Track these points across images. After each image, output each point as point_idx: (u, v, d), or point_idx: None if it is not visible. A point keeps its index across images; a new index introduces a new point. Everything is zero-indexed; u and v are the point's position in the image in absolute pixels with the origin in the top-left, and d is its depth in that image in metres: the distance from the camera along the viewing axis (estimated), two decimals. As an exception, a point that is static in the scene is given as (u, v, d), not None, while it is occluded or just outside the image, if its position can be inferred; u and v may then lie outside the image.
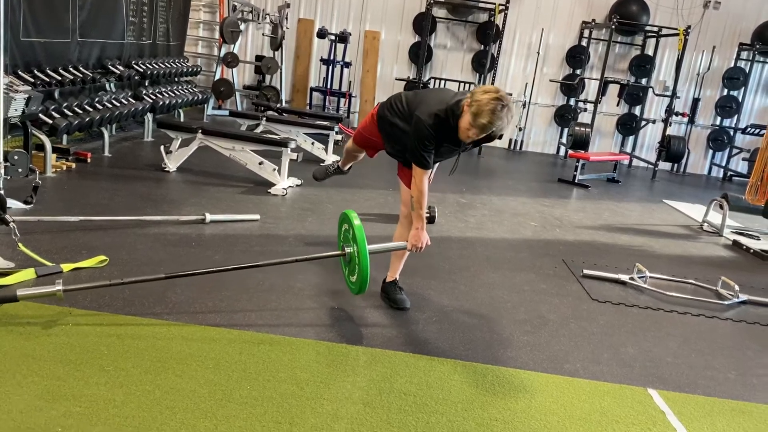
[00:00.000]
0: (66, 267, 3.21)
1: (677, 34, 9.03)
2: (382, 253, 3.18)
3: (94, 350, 2.48)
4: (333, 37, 9.86)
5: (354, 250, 2.94)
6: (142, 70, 7.31)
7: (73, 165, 5.41)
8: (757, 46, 9.68)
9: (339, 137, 7.97)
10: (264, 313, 3.05)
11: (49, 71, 5.62)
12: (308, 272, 3.66)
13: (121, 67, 6.89)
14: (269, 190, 5.43)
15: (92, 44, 6.53)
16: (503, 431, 2.32)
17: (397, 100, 3.15)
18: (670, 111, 9.27)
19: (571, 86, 10.19)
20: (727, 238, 5.95)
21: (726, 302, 4.09)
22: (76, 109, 5.59)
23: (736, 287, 4.13)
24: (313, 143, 7.13)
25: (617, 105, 10.36)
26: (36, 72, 5.45)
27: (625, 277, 4.25)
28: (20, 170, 3.92)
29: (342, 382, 2.50)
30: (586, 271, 4.30)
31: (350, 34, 10.00)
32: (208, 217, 4.34)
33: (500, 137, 2.96)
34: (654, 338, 3.39)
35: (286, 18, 9.79)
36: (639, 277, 4.26)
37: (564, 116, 10.46)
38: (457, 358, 2.84)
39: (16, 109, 4.52)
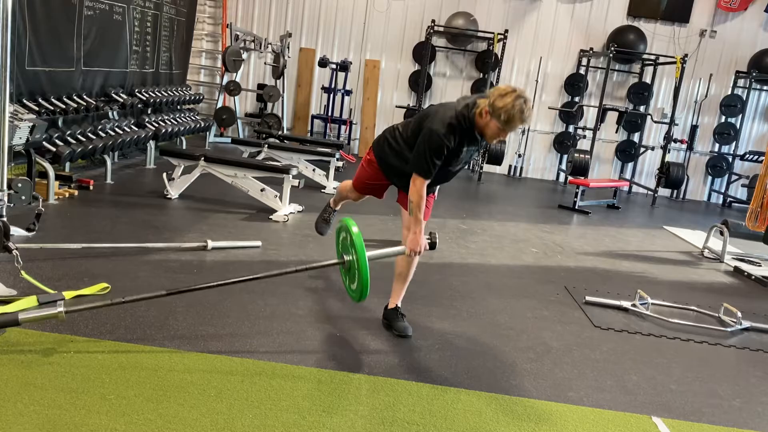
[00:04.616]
0: (68, 294, 3.20)
1: (674, 63, 9.13)
2: (382, 260, 3.17)
3: (95, 378, 2.47)
4: (334, 66, 9.97)
5: (353, 258, 2.93)
6: (144, 98, 7.38)
7: (76, 192, 5.43)
8: (754, 74, 9.78)
9: (340, 164, 8.01)
10: (265, 340, 3.04)
11: (53, 100, 5.68)
12: (309, 299, 3.66)
13: (124, 96, 6.97)
14: (271, 217, 5.45)
15: (96, 73, 6.61)
16: (507, 460, 2.30)
17: (390, 132, 3.21)
18: (668, 138, 9.32)
19: (569, 113, 10.27)
20: (728, 265, 5.94)
21: (729, 329, 4.07)
22: (79, 136, 5.64)
23: (739, 314, 4.12)
24: (314, 170, 7.17)
25: (616, 132, 10.42)
26: (40, 100, 5.51)
27: (627, 304, 4.24)
28: (23, 198, 3.94)
29: (344, 411, 2.49)
30: (588, 298, 4.29)
31: (351, 63, 10.12)
32: (210, 243, 4.35)
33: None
34: (657, 365, 3.37)
35: (288, 47, 9.91)
36: (641, 304, 4.25)
37: (563, 143, 10.53)
38: (460, 387, 2.82)
39: (20, 138, 4.55)
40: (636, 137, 10.46)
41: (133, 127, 6.71)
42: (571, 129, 10.41)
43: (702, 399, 3.03)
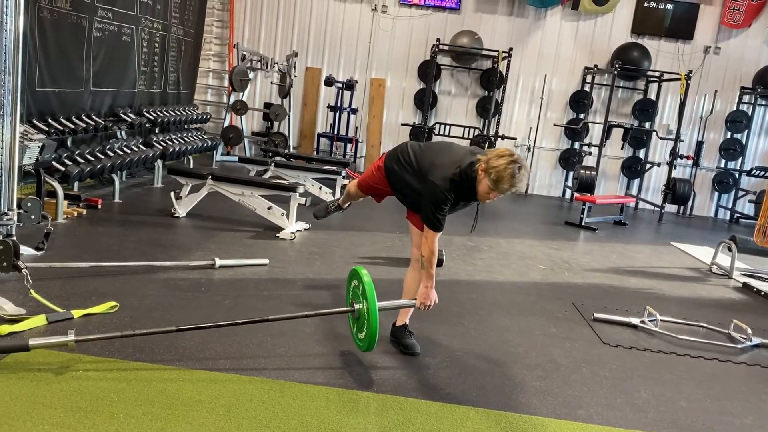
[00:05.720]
0: (77, 313, 3.22)
1: (679, 79, 9.16)
2: (390, 309, 3.21)
3: (104, 397, 2.47)
4: (340, 85, 10.04)
5: (363, 307, 2.95)
6: (152, 118, 7.45)
7: (84, 211, 5.46)
8: (759, 90, 9.80)
9: (346, 181, 8.03)
10: (273, 359, 3.03)
11: (62, 120, 5.73)
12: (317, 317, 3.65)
13: (132, 115, 7.03)
14: (278, 235, 5.46)
15: (104, 93, 6.68)
16: (518, 479, 2.28)
17: (403, 152, 3.21)
18: (674, 154, 9.32)
19: (575, 130, 10.28)
20: (737, 281, 5.91)
21: (739, 345, 4.04)
22: (87, 156, 5.68)
23: (749, 330, 4.09)
24: (321, 188, 7.20)
25: (621, 148, 10.43)
26: (50, 121, 5.57)
27: (635, 321, 4.21)
28: (33, 217, 3.96)
29: (353, 430, 2.48)
30: (596, 315, 4.27)
31: (356, 82, 10.19)
32: (218, 261, 4.36)
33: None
34: (667, 382, 3.34)
35: (294, 66, 10.00)
36: (650, 321, 4.23)
37: (569, 159, 10.54)
38: (468, 405, 2.81)
39: (30, 157, 4.59)
40: (642, 153, 10.47)
41: (141, 146, 6.76)
42: (576, 146, 10.41)
43: (713, 416, 3.01)
